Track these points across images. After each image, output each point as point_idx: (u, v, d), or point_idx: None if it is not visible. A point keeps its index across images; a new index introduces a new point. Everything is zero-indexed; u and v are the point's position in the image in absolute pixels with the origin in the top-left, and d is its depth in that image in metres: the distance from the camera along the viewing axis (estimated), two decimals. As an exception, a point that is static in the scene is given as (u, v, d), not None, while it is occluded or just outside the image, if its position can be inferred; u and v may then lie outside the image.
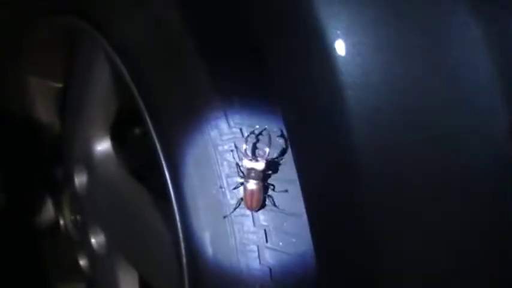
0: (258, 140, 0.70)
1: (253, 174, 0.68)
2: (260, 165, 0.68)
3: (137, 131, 1.18)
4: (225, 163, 0.71)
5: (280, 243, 0.69)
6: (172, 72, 0.78)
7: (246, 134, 0.70)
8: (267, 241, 0.69)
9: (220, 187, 0.71)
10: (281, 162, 0.69)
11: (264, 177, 0.69)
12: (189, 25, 0.75)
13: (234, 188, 0.70)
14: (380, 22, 0.55)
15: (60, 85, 1.25)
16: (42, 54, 1.21)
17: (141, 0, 0.82)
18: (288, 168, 0.67)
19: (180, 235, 0.76)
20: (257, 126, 0.70)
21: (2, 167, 1.36)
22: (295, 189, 0.64)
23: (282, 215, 0.69)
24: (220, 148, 0.71)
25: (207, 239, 0.73)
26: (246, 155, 0.69)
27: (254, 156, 0.69)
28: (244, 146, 0.69)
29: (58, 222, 1.31)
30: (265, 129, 0.69)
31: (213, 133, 0.71)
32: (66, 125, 1.20)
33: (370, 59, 0.55)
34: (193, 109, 0.74)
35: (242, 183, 0.70)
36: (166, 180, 0.78)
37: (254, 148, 0.70)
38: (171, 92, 0.78)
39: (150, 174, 0.90)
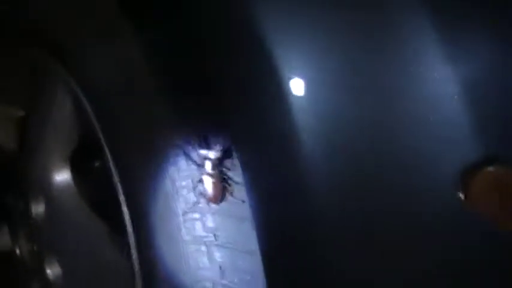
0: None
1: (209, 164, 0.69)
2: (216, 153, 0.68)
3: (97, 163, 1.18)
4: (181, 199, 0.71)
5: (235, 280, 0.70)
6: (133, 108, 0.79)
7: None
8: (222, 278, 0.70)
9: (177, 223, 0.71)
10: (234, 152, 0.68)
11: (220, 166, 0.69)
12: (150, 63, 0.77)
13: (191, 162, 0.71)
14: (336, 61, 0.56)
15: (22, 113, 1.24)
16: (5, 83, 1.20)
17: (105, 37, 0.83)
18: (241, 206, 0.68)
19: (137, 270, 0.76)
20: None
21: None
22: (249, 227, 0.66)
23: (237, 252, 0.70)
24: (177, 184, 0.72)
25: (163, 274, 0.73)
26: (200, 144, 0.69)
27: (208, 146, 0.69)
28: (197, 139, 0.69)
29: (14, 251, 1.29)
30: None
31: (171, 169, 0.72)
32: (26, 153, 1.19)
33: (325, 98, 0.57)
34: (153, 145, 0.75)
35: (200, 180, 0.70)
36: (124, 214, 0.78)
37: (206, 139, 0.70)
38: (131, 127, 0.79)
39: (108, 208, 0.90)
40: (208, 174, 0.69)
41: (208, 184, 0.69)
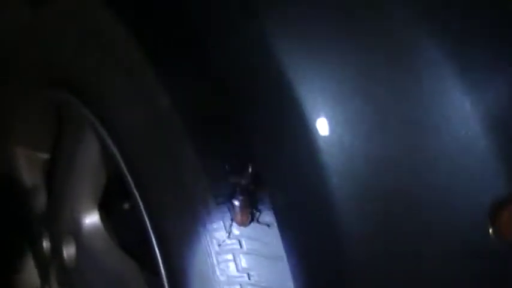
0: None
1: (239, 190, 0.72)
2: (245, 179, 0.71)
3: (127, 204, 1.20)
4: (214, 241, 0.73)
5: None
6: (160, 149, 0.80)
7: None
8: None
9: (210, 264, 0.73)
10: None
11: (250, 193, 0.72)
12: (178, 104, 0.78)
13: (221, 202, 0.73)
14: (364, 102, 0.58)
15: (47, 156, 1.26)
16: (31, 126, 1.23)
17: (130, 78, 0.85)
18: (273, 246, 0.69)
19: (171, 311, 0.77)
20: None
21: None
22: (282, 266, 0.67)
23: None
24: (208, 226, 0.73)
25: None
26: (230, 171, 0.72)
27: (238, 171, 0.72)
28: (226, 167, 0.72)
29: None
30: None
31: (202, 211, 0.73)
32: (54, 196, 1.21)
33: (351, 138, 0.58)
34: (182, 185, 0.77)
35: (230, 202, 0.72)
36: (156, 255, 0.79)
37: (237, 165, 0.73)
38: (159, 167, 0.81)
39: (140, 249, 0.91)
40: (238, 199, 0.72)
41: (237, 208, 0.72)
